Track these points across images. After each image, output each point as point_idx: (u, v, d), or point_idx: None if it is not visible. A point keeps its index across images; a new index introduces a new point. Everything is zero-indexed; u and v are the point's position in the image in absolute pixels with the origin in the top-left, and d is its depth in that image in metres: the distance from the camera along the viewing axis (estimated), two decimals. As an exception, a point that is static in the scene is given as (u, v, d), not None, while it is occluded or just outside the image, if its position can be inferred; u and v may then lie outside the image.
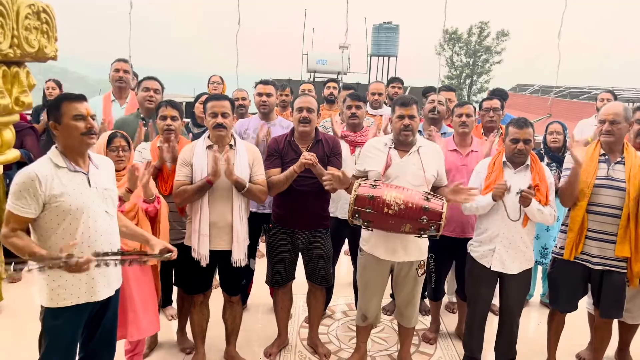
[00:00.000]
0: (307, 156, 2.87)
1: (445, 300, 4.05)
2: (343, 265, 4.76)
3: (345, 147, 3.41)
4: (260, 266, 3.71)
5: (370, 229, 2.78)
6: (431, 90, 4.86)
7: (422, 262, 2.96)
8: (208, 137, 2.90)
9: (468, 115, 3.35)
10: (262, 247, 4.54)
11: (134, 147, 3.04)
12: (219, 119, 2.81)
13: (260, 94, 3.68)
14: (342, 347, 3.45)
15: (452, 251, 3.39)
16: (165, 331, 3.39)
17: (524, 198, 2.77)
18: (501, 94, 4.61)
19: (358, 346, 3.21)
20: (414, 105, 2.87)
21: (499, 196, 2.83)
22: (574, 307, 3.09)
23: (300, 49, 15.91)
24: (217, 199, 2.83)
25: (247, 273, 3.53)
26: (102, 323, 2.26)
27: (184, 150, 2.92)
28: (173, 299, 3.64)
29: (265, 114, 3.71)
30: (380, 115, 4.34)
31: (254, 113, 3.96)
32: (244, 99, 4.22)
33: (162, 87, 3.72)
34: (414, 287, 2.99)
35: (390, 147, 2.89)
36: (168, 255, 2.22)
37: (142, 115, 3.59)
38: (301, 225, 3.10)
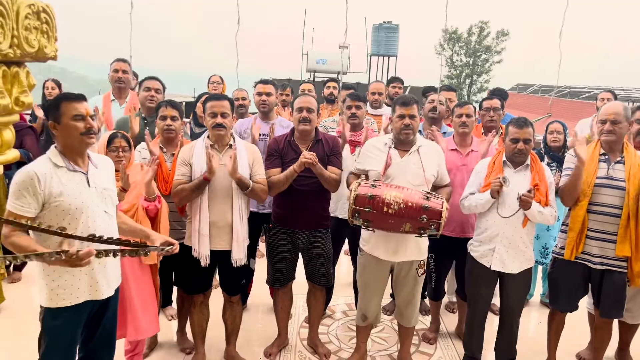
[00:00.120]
0: (307, 155, 2.87)
1: (445, 300, 4.05)
2: (343, 265, 4.76)
3: (346, 146, 3.41)
4: (260, 266, 3.71)
5: (370, 229, 2.78)
6: (431, 90, 4.86)
7: (422, 262, 2.96)
8: (208, 136, 2.91)
9: (468, 115, 3.35)
10: (262, 247, 4.54)
11: (133, 141, 3.03)
12: (219, 119, 2.81)
13: (260, 94, 3.68)
14: (342, 347, 3.45)
15: (452, 251, 3.39)
16: (165, 331, 3.39)
17: (524, 202, 2.76)
18: (501, 94, 4.61)
19: (358, 346, 3.21)
20: (415, 104, 2.87)
21: (496, 191, 2.83)
22: (575, 307, 3.09)
23: (300, 49, 15.92)
24: (217, 199, 2.83)
25: (247, 273, 3.53)
26: (102, 323, 2.26)
27: (184, 150, 2.92)
28: (173, 299, 3.64)
29: (265, 114, 3.71)
30: (380, 115, 4.35)
31: (254, 113, 3.96)
32: (244, 98, 4.23)
33: (164, 87, 3.74)
34: (414, 287, 2.99)
35: (390, 147, 2.89)
36: (169, 248, 2.20)
37: (144, 115, 3.61)
38: (301, 225, 3.09)
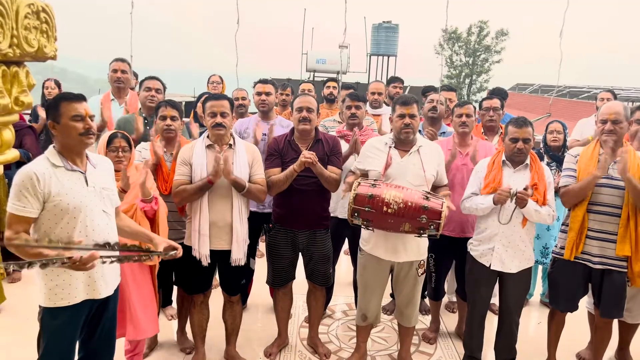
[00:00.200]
0: (306, 155, 2.87)
1: (445, 299, 4.05)
2: (343, 265, 4.76)
3: (345, 146, 3.41)
4: (260, 266, 3.71)
5: (370, 229, 2.78)
6: (431, 89, 4.86)
7: (422, 262, 2.96)
8: (207, 136, 2.90)
9: (468, 115, 3.35)
10: (262, 247, 4.54)
11: (135, 142, 3.04)
12: (218, 119, 2.81)
13: (259, 93, 3.68)
14: (342, 347, 3.45)
15: (452, 251, 3.39)
16: (165, 331, 3.39)
17: (520, 199, 2.76)
18: (501, 93, 4.61)
19: (358, 346, 3.21)
20: (415, 104, 2.87)
21: (501, 202, 2.82)
22: (575, 307, 3.09)
23: (300, 49, 15.91)
24: (217, 199, 2.83)
25: (247, 273, 3.53)
26: (102, 322, 2.26)
27: (184, 150, 2.92)
28: (173, 298, 3.63)
29: (265, 113, 3.71)
30: (379, 115, 4.35)
31: (254, 112, 3.96)
32: (243, 98, 4.23)
33: (164, 87, 3.74)
34: (414, 287, 2.99)
35: (390, 147, 2.89)
36: (173, 253, 2.21)
37: (144, 115, 3.62)
38: (301, 225, 3.09)
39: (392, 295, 3.71)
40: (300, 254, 3.20)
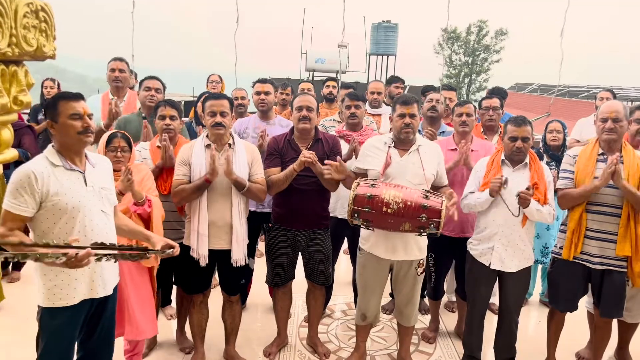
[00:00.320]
0: (306, 154, 2.87)
1: (445, 299, 4.04)
2: (342, 265, 4.76)
3: (345, 146, 3.40)
4: (259, 265, 3.71)
5: (370, 229, 2.78)
6: (430, 89, 4.85)
7: (422, 261, 2.96)
8: (207, 136, 2.90)
9: (468, 114, 3.35)
10: (261, 247, 4.54)
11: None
12: (218, 118, 2.81)
13: (259, 93, 3.67)
14: (342, 346, 3.45)
15: (451, 250, 3.39)
16: (164, 331, 3.39)
17: (523, 199, 2.77)
18: (500, 93, 4.61)
19: (357, 345, 3.21)
20: (415, 104, 2.87)
21: (495, 191, 2.83)
22: (574, 307, 3.09)
23: (299, 48, 15.91)
24: (216, 198, 2.82)
25: (246, 272, 3.52)
26: (101, 322, 2.25)
27: (183, 150, 2.91)
28: (172, 298, 3.63)
29: (264, 113, 3.70)
30: (379, 115, 4.34)
31: (253, 112, 3.95)
32: (243, 98, 4.22)
33: (164, 87, 3.73)
34: (414, 286, 2.99)
35: (390, 146, 2.89)
36: (170, 251, 2.21)
37: (144, 115, 3.60)
38: (301, 225, 3.09)
39: (391, 295, 3.71)
40: (299, 253, 3.20)
